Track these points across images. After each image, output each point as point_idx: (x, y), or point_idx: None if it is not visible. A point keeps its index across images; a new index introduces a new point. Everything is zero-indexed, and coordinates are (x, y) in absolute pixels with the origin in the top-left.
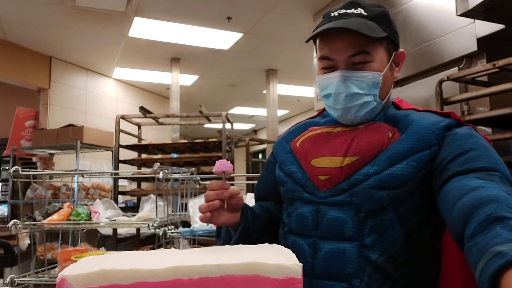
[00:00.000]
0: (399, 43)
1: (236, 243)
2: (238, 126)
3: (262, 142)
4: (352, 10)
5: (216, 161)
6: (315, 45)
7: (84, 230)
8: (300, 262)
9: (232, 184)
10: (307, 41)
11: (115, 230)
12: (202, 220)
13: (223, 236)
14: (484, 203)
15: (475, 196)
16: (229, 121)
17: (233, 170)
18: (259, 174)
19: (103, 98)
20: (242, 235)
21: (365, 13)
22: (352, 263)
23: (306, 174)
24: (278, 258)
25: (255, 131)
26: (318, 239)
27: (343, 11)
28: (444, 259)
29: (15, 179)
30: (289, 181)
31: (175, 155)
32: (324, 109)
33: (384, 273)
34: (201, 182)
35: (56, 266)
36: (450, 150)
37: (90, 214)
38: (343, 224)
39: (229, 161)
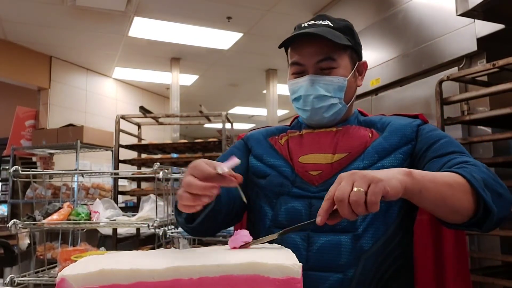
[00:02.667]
0: (362, 54)
1: (202, 223)
2: (238, 126)
3: None
4: (320, 22)
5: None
6: (287, 54)
7: (84, 230)
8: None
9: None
10: (279, 47)
11: (115, 230)
12: (185, 210)
13: (186, 215)
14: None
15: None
16: (229, 121)
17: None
18: None
19: (103, 98)
20: (209, 215)
21: (332, 25)
22: (346, 254)
23: (294, 170)
24: (277, 258)
25: None
26: (312, 232)
27: (312, 22)
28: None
29: (15, 179)
30: (274, 174)
31: (175, 155)
32: (295, 118)
33: (377, 261)
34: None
35: (56, 266)
36: (424, 142)
37: (90, 214)
38: None
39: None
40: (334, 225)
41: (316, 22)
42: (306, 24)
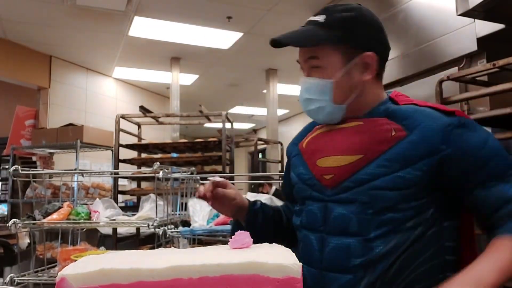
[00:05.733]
0: (372, 44)
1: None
2: (238, 125)
3: (267, 142)
4: (316, 18)
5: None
6: None
7: (84, 230)
8: (310, 255)
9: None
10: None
11: (115, 230)
12: (203, 195)
13: (232, 227)
14: None
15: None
16: (229, 121)
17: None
18: (260, 174)
19: (103, 97)
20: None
21: (323, 21)
22: (356, 257)
23: (312, 174)
24: (277, 257)
25: (255, 130)
26: (325, 234)
27: (311, 18)
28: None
29: (15, 178)
30: (298, 182)
31: (175, 155)
32: None
33: (387, 263)
34: (201, 181)
35: (55, 265)
36: (466, 156)
37: (90, 213)
38: (348, 221)
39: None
40: (345, 229)
41: (313, 18)
42: (307, 21)
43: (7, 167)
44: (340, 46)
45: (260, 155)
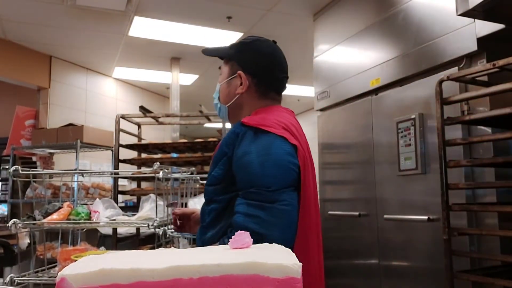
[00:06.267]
0: (249, 68)
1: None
2: None
3: None
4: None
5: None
6: None
7: (84, 230)
8: None
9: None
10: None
11: (115, 230)
12: (174, 230)
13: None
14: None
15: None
16: None
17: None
18: None
19: (103, 97)
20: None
21: (233, 43)
22: (199, 240)
23: None
24: (277, 257)
25: None
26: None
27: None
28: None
29: (15, 178)
30: None
31: (175, 155)
32: None
33: (213, 243)
34: (201, 181)
35: (55, 266)
36: (234, 165)
37: (90, 213)
38: (202, 212)
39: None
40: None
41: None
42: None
43: (7, 167)
44: (230, 62)
45: None
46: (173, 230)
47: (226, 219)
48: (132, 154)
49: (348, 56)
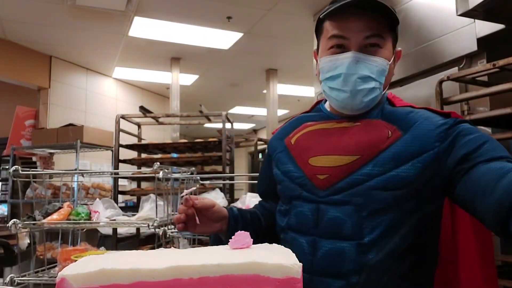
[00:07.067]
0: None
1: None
2: (238, 126)
3: (267, 142)
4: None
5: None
6: (319, 28)
7: (84, 230)
8: (299, 258)
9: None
10: (321, 17)
11: (115, 230)
12: (178, 229)
13: (212, 243)
14: None
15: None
16: (229, 121)
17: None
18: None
19: (103, 97)
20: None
21: (387, 6)
22: (350, 262)
23: (304, 173)
24: (278, 257)
25: (255, 131)
26: (318, 237)
27: None
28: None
29: (15, 179)
30: (286, 180)
31: (175, 155)
32: (316, 104)
33: (383, 269)
34: (201, 181)
35: (56, 266)
36: (467, 145)
37: (90, 213)
38: (343, 223)
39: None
40: (339, 232)
41: None
42: None
43: (7, 167)
44: (391, 32)
45: (260, 155)
46: (173, 230)
47: (398, 238)
48: (132, 154)
49: None
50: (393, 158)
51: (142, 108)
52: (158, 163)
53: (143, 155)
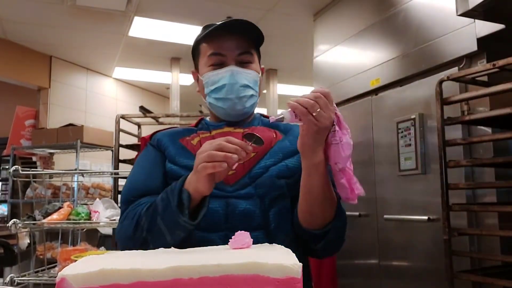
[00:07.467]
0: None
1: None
2: None
3: None
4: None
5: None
6: (197, 52)
7: (84, 230)
8: None
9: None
10: (198, 39)
11: (115, 230)
12: (209, 167)
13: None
14: None
15: None
16: None
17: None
18: None
19: (103, 97)
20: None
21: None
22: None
23: None
24: (278, 257)
25: None
26: (229, 231)
27: (231, 18)
28: None
29: (15, 178)
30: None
31: None
32: (200, 120)
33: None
34: None
35: (55, 266)
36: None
37: (90, 213)
38: (252, 214)
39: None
40: (249, 223)
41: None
42: (224, 20)
43: (7, 167)
44: (257, 52)
45: None
46: None
47: (291, 224)
48: (132, 154)
49: (348, 56)
50: (281, 151)
51: (142, 108)
52: None
53: None
